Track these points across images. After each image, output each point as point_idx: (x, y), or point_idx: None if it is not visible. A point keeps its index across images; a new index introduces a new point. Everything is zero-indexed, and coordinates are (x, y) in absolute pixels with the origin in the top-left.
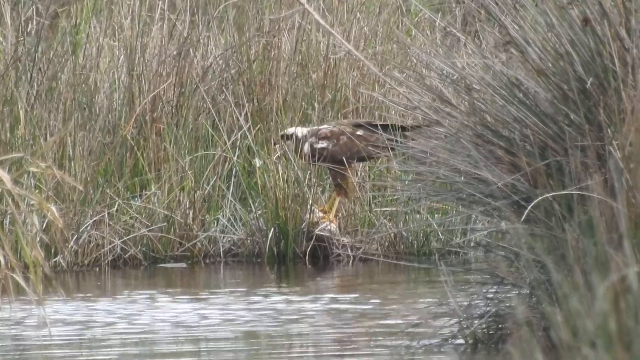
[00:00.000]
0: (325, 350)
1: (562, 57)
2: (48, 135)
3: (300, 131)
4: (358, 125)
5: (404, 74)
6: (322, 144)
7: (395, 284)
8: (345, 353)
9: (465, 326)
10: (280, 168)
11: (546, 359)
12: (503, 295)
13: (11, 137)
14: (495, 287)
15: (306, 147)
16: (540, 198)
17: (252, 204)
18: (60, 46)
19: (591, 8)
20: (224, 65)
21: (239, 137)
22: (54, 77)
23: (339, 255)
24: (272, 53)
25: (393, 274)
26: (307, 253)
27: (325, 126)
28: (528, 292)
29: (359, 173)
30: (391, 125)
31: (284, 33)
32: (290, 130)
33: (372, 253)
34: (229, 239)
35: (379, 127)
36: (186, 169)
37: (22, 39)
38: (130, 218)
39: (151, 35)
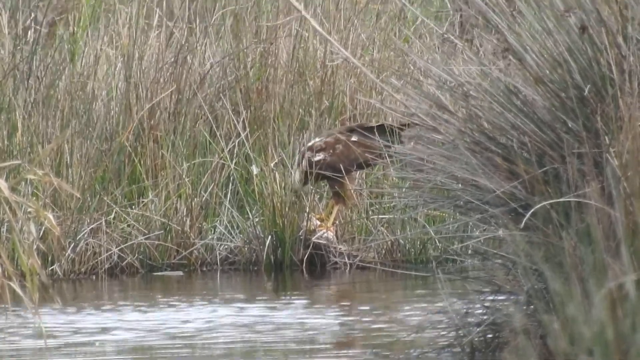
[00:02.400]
0: (322, 358)
1: (560, 65)
2: (45, 143)
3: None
4: (351, 130)
5: (402, 81)
6: (319, 156)
7: (393, 292)
8: None
9: (462, 334)
10: (277, 175)
11: None
12: (500, 304)
13: (9, 145)
14: (492, 295)
15: (304, 163)
16: (538, 206)
17: (249, 212)
18: (58, 54)
19: (588, 15)
20: (221, 73)
21: (236, 144)
22: (52, 84)
23: (336, 263)
24: (269, 60)
25: (390, 282)
26: (304, 261)
27: (317, 139)
28: (525, 300)
29: (355, 181)
30: (385, 125)
31: (281, 40)
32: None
33: (369, 261)
34: (226, 246)
35: (374, 129)
36: (183, 176)
37: (19, 47)
38: (128, 226)
39: (149, 43)
